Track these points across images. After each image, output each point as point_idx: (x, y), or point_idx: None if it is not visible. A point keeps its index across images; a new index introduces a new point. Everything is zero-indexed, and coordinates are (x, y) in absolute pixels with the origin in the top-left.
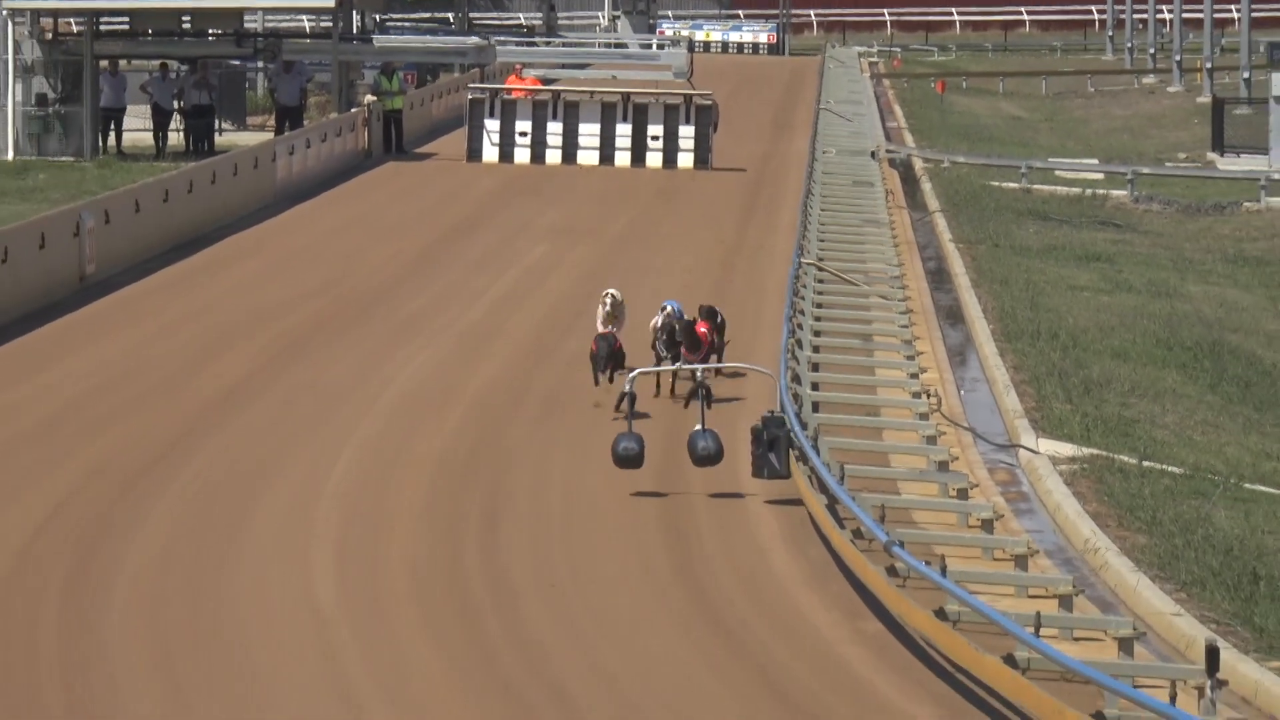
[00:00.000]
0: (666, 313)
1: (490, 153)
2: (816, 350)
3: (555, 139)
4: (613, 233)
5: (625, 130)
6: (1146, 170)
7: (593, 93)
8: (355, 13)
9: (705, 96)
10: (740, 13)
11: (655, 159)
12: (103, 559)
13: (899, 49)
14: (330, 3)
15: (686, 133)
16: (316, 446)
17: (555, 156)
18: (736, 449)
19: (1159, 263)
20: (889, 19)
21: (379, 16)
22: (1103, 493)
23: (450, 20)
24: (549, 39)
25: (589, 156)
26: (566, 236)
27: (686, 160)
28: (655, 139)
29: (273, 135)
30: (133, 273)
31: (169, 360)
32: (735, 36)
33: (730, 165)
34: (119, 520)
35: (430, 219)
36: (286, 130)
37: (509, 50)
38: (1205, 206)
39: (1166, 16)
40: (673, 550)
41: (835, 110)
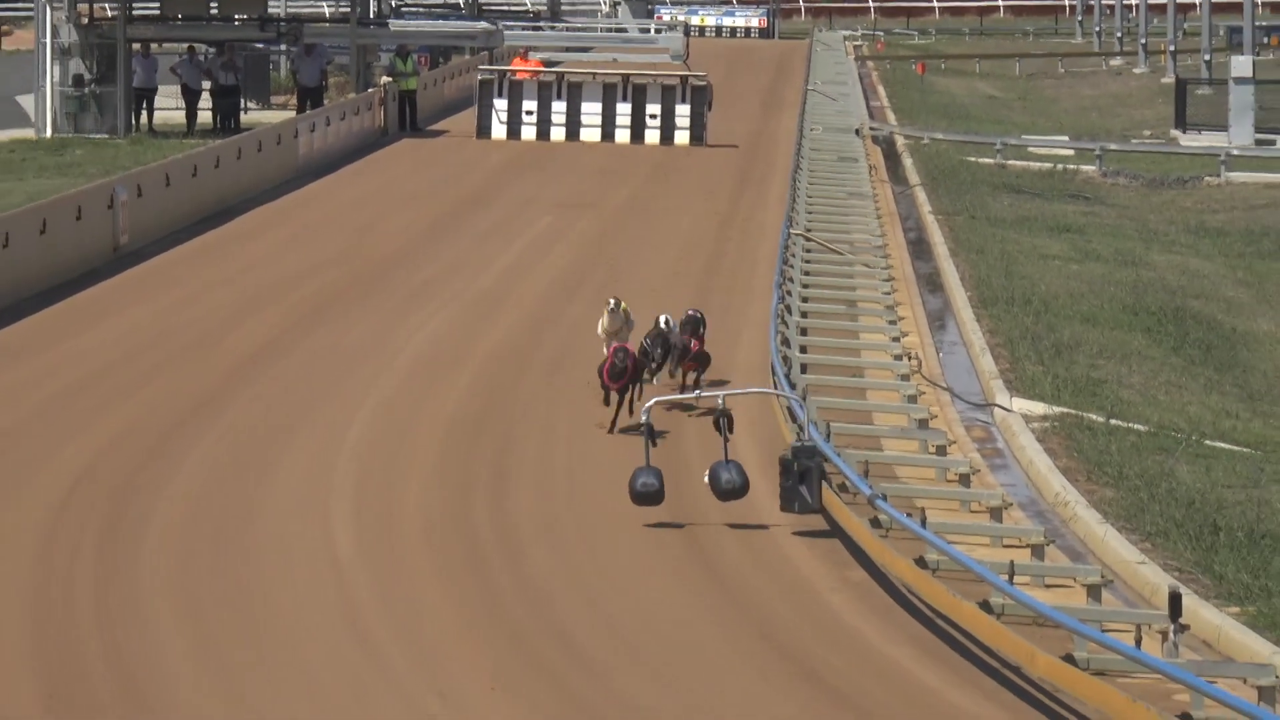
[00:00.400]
0: (662, 325)
1: (498, 130)
2: (805, 315)
3: (559, 117)
4: (614, 205)
5: (625, 109)
6: (1114, 146)
7: (595, 74)
8: None
9: (700, 78)
10: None
11: (653, 136)
12: (136, 512)
13: (882, 33)
14: None
15: (683, 111)
16: (336, 405)
17: (559, 134)
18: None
19: (1125, 233)
20: (872, 5)
21: (394, 2)
22: (1072, 449)
23: (460, 6)
24: (554, 23)
25: (591, 134)
26: (570, 209)
27: (683, 137)
28: (653, 117)
29: (294, 114)
30: (164, 243)
31: (198, 325)
32: (728, 21)
33: (724, 142)
34: (151, 475)
35: (442, 192)
36: (307, 109)
37: (516, 34)
38: (1169, 180)
39: (1133, 2)
40: (670, 505)
41: (822, 90)
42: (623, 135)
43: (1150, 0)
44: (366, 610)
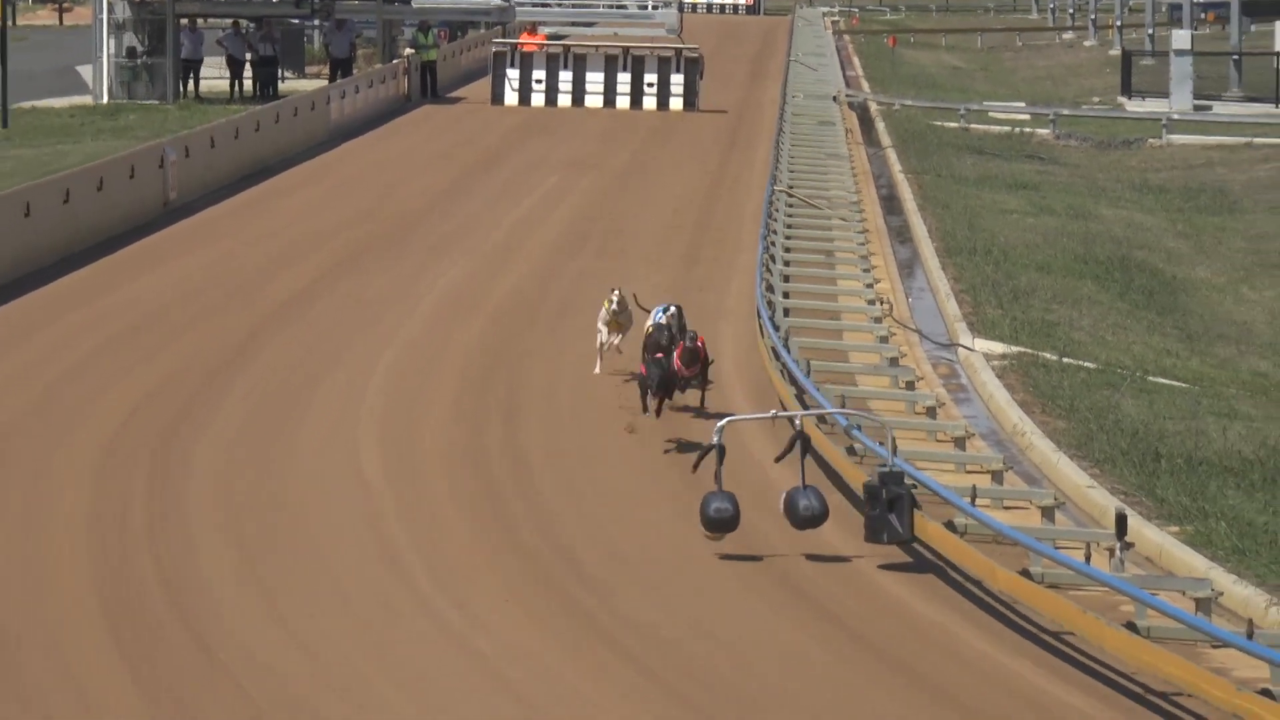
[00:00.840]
0: (666, 317)
1: (510, 97)
2: (787, 264)
3: (566, 85)
4: (615, 165)
5: (625, 78)
6: (1066, 112)
7: (597, 46)
8: None
9: (693, 50)
10: None
11: (650, 102)
12: (183, 441)
13: (857, 9)
14: None
15: (677, 80)
16: (364, 346)
17: (566, 100)
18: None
19: (1076, 190)
20: None
21: None
22: (1029, 384)
23: None
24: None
25: (594, 100)
26: (575, 168)
27: (677, 104)
28: (651, 85)
29: (326, 83)
30: (209, 199)
31: (240, 273)
32: None
33: (714, 108)
34: (198, 408)
35: (460, 154)
36: (338, 78)
37: (526, 10)
38: (1116, 142)
39: None
40: (665, 435)
41: (803, 61)
42: (623, 102)
43: None
44: (391, 528)
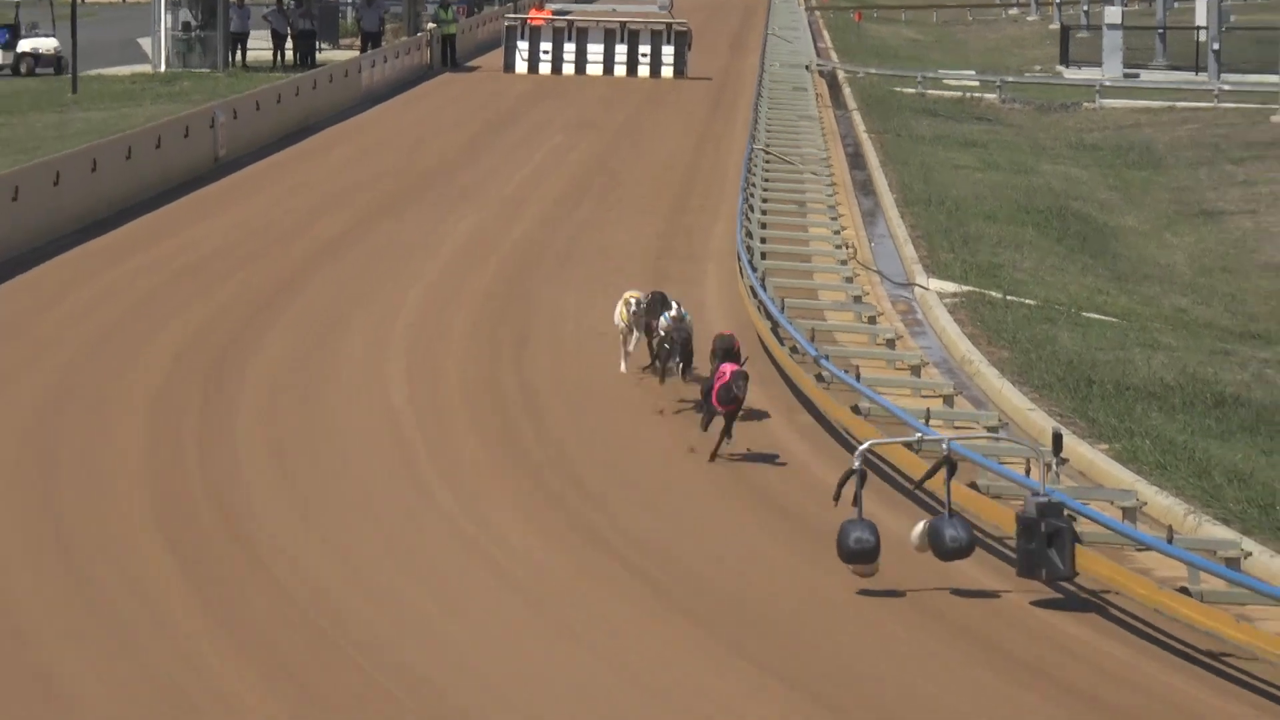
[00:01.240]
0: (673, 315)
1: (521, 66)
2: (764, 213)
3: (570, 55)
4: (614, 126)
5: (622, 49)
6: (1011, 79)
7: (598, 21)
8: None
9: (682, 24)
10: None
11: (644, 71)
12: (231, 374)
13: None
14: None
15: (668, 51)
16: (392, 286)
17: (570, 69)
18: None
19: (1020, 148)
20: None
21: None
22: (976, 319)
23: None
24: None
25: (595, 69)
26: (579, 129)
27: (668, 72)
28: (644, 56)
29: (358, 53)
30: (254, 155)
31: (282, 222)
32: None
33: (700, 75)
34: (244, 343)
35: (476, 115)
36: (369, 50)
37: None
38: (1054, 106)
39: None
40: (642, 363)
41: (779, 35)
42: (620, 70)
43: None
44: (416, 452)
